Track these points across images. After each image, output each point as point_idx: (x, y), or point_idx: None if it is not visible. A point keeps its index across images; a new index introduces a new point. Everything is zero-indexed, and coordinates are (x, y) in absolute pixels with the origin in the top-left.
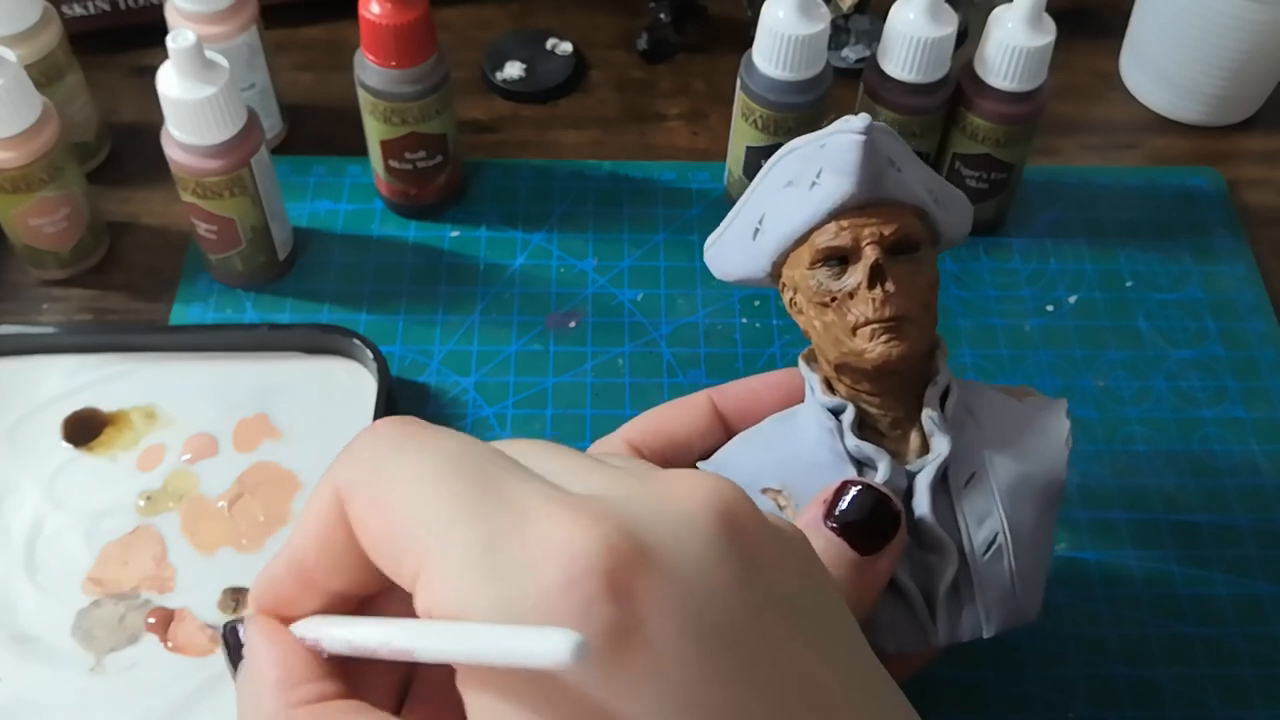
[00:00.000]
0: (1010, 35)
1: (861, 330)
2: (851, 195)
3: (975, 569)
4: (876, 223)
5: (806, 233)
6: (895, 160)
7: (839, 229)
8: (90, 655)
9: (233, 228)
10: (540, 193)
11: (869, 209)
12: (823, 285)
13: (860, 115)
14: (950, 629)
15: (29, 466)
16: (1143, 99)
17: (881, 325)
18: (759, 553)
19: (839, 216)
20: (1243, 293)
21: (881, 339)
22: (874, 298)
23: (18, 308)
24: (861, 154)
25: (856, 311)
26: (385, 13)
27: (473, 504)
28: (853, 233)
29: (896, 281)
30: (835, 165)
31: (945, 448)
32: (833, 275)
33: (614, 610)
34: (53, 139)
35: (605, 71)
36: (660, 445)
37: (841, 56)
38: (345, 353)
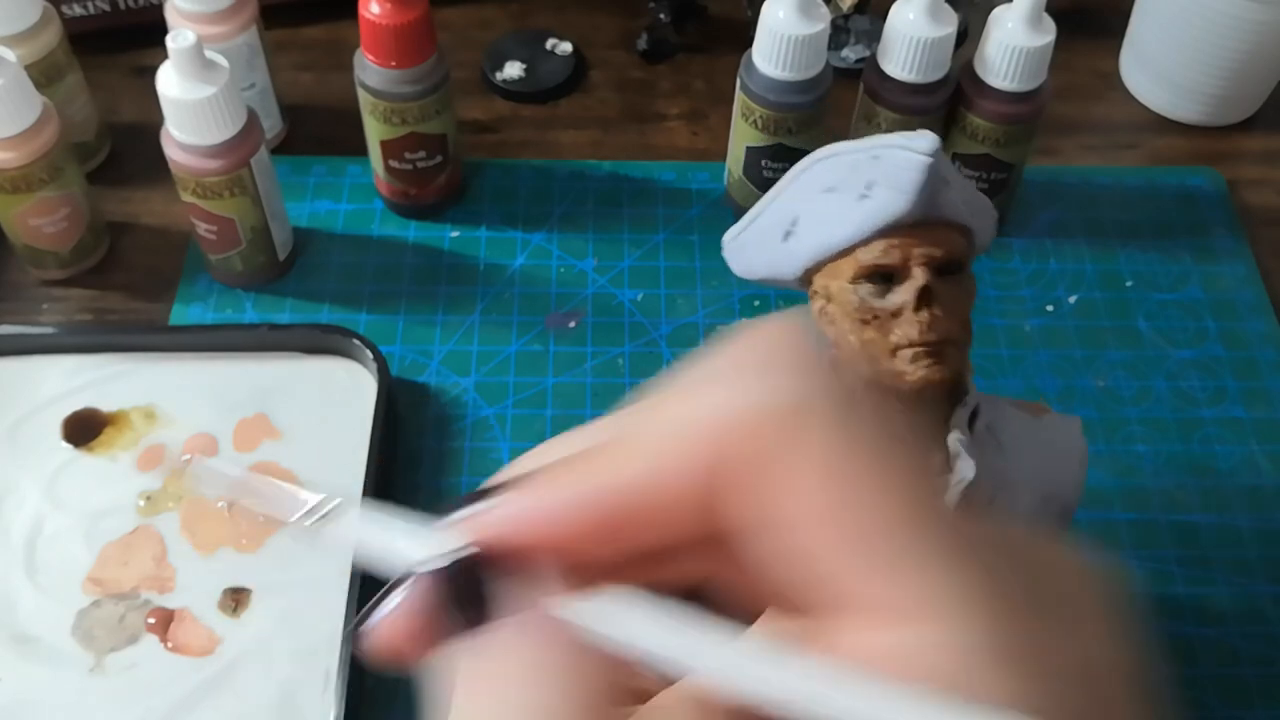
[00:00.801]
0: (1010, 35)
1: (903, 352)
2: (907, 215)
3: None
4: (928, 244)
5: (851, 246)
6: (949, 178)
7: (889, 246)
8: (90, 655)
9: (233, 228)
10: (540, 193)
11: (920, 228)
12: (865, 302)
13: (923, 132)
14: None
15: (29, 466)
16: (1143, 99)
17: (926, 349)
18: None
19: (889, 234)
20: (1243, 293)
21: (924, 363)
22: (921, 321)
23: (18, 308)
24: (926, 175)
25: (900, 333)
26: (385, 13)
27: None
28: (903, 251)
29: (943, 304)
30: (893, 181)
31: (971, 472)
32: (876, 293)
33: None
34: (53, 139)
35: (605, 71)
36: None
37: (841, 56)
38: (345, 353)
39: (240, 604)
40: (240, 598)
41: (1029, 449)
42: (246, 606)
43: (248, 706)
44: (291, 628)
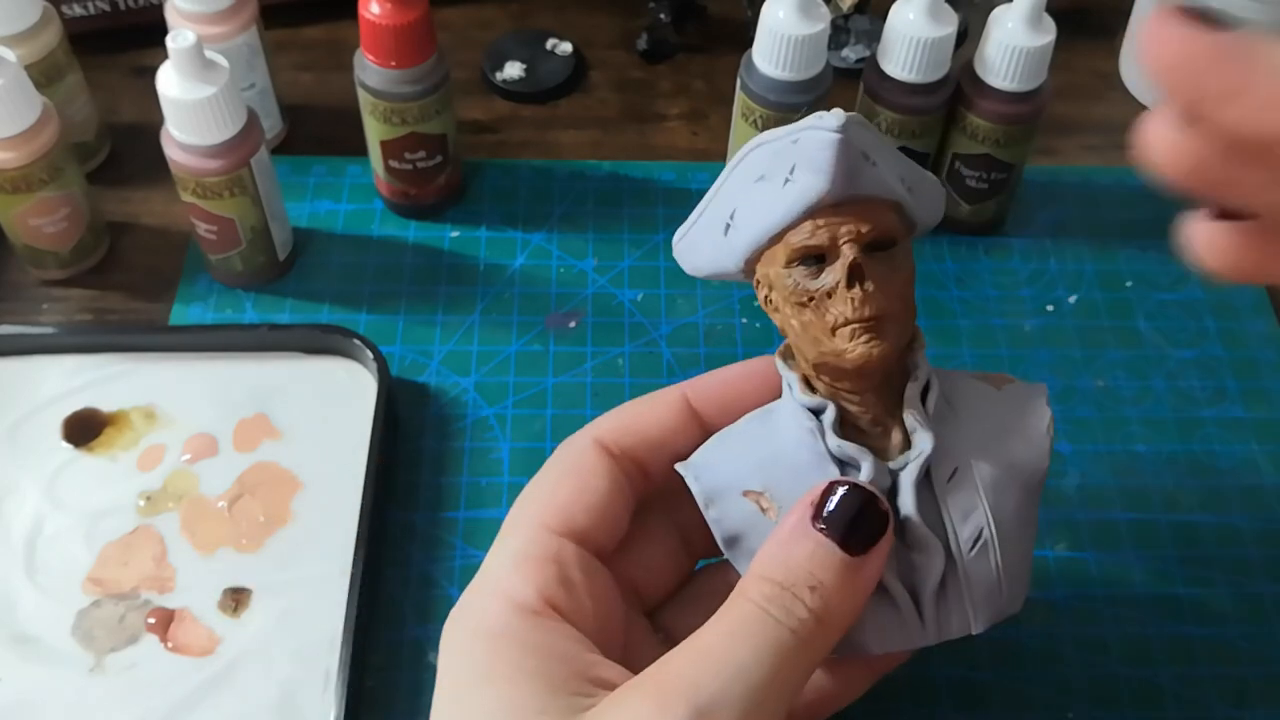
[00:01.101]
0: (1010, 35)
1: (841, 330)
2: (827, 194)
3: (962, 566)
4: (853, 220)
5: (781, 231)
6: (870, 154)
7: (815, 228)
8: (90, 655)
9: (233, 228)
10: (540, 193)
11: (845, 206)
12: (799, 285)
13: (835, 111)
14: (938, 627)
15: (29, 466)
16: (1143, 99)
17: (861, 325)
18: None
19: (814, 215)
20: (1243, 293)
21: (862, 339)
22: (853, 297)
23: (18, 308)
24: (836, 152)
25: (835, 311)
26: (385, 13)
27: None
28: (829, 231)
29: (875, 280)
30: (809, 163)
31: (929, 445)
32: (810, 274)
33: None
34: (53, 139)
35: (605, 71)
36: (632, 444)
37: (841, 56)
38: (345, 353)
39: (240, 604)
40: (240, 598)
41: (989, 419)
42: (246, 606)
43: (248, 706)
44: (291, 628)
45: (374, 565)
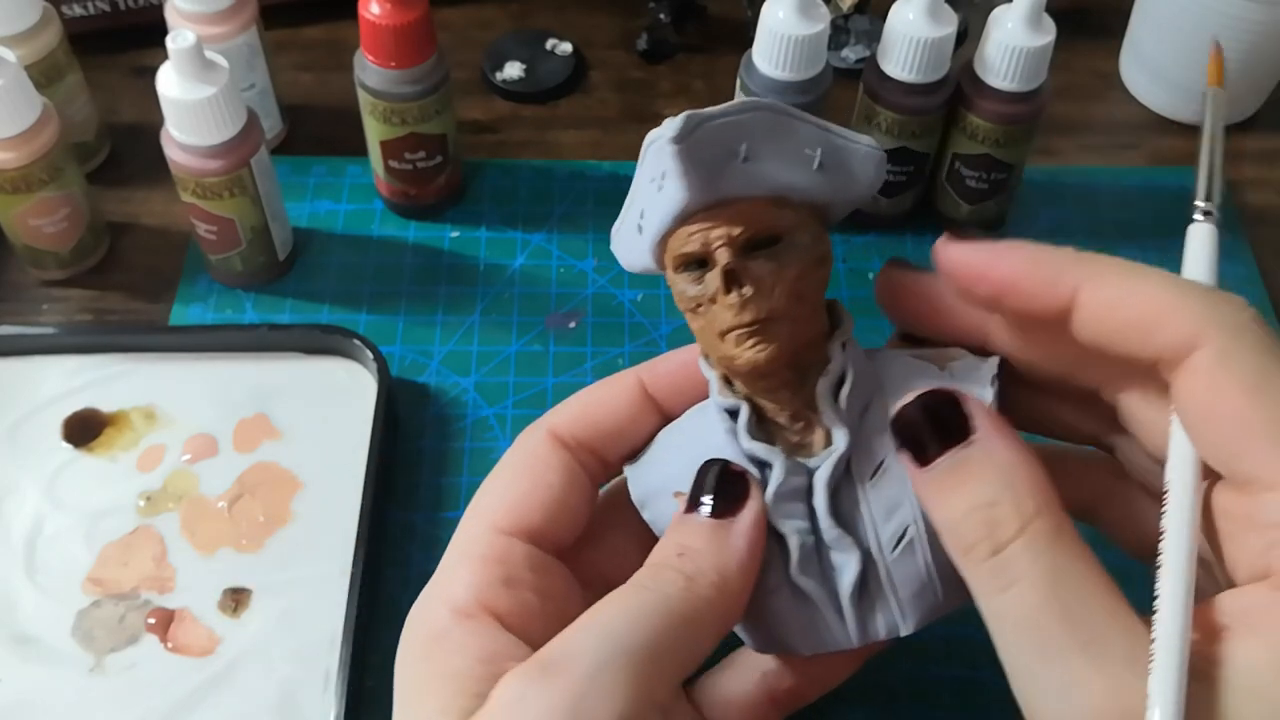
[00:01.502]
0: (1010, 35)
1: (727, 336)
2: (688, 202)
3: (884, 566)
4: (724, 224)
5: (664, 237)
6: (740, 149)
7: (688, 235)
8: (90, 655)
9: (233, 228)
10: (540, 193)
11: (716, 209)
12: (686, 292)
13: (680, 116)
14: (861, 629)
15: (29, 467)
16: (1143, 99)
17: (744, 330)
18: None
19: (686, 221)
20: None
21: (747, 344)
22: (731, 304)
23: (18, 308)
24: (680, 162)
25: (719, 319)
26: (385, 13)
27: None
28: (701, 237)
29: (755, 281)
30: (671, 169)
31: (844, 441)
32: (694, 280)
33: None
34: (53, 139)
35: (605, 72)
36: (587, 434)
37: (841, 57)
38: (345, 353)
39: (240, 604)
40: (240, 598)
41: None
42: (246, 606)
43: (248, 706)
44: (291, 628)
45: (374, 565)
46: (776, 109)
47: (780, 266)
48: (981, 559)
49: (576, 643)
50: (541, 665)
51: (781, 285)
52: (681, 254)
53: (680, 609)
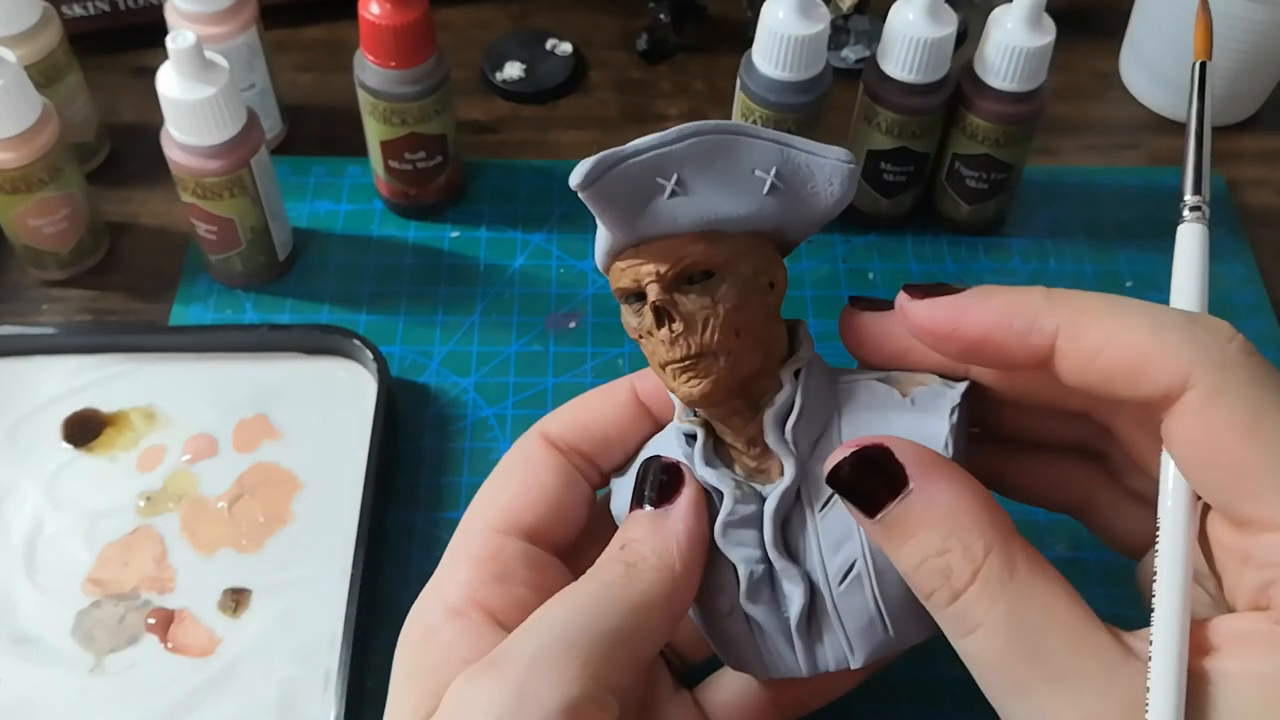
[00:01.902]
0: (1010, 35)
1: (665, 369)
2: (611, 241)
3: (830, 598)
4: (651, 261)
5: (606, 270)
6: (669, 181)
7: (620, 270)
8: (90, 656)
9: (232, 228)
10: (540, 193)
11: (645, 246)
12: (629, 322)
13: (589, 160)
14: (810, 659)
15: (29, 467)
16: (1143, 99)
17: (678, 365)
18: None
19: (619, 257)
20: (1243, 293)
21: (683, 379)
22: (663, 340)
23: (18, 308)
24: (593, 205)
25: (656, 354)
26: (385, 13)
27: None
28: (631, 274)
29: (686, 317)
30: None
31: (791, 473)
32: (635, 312)
33: None
34: (53, 139)
35: (605, 72)
36: (580, 439)
37: (841, 57)
38: (345, 353)
39: (240, 604)
40: (240, 598)
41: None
42: (246, 606)
43: (248, 706)
44: (291, 628)
45: (374, 565)
46: (724, 129)
47: (714, 301)
48: (942, 605)
49: (519, 637)
50: (489, 661)
51: (715, 320)
52: (618, 288)
53: (622, 594)
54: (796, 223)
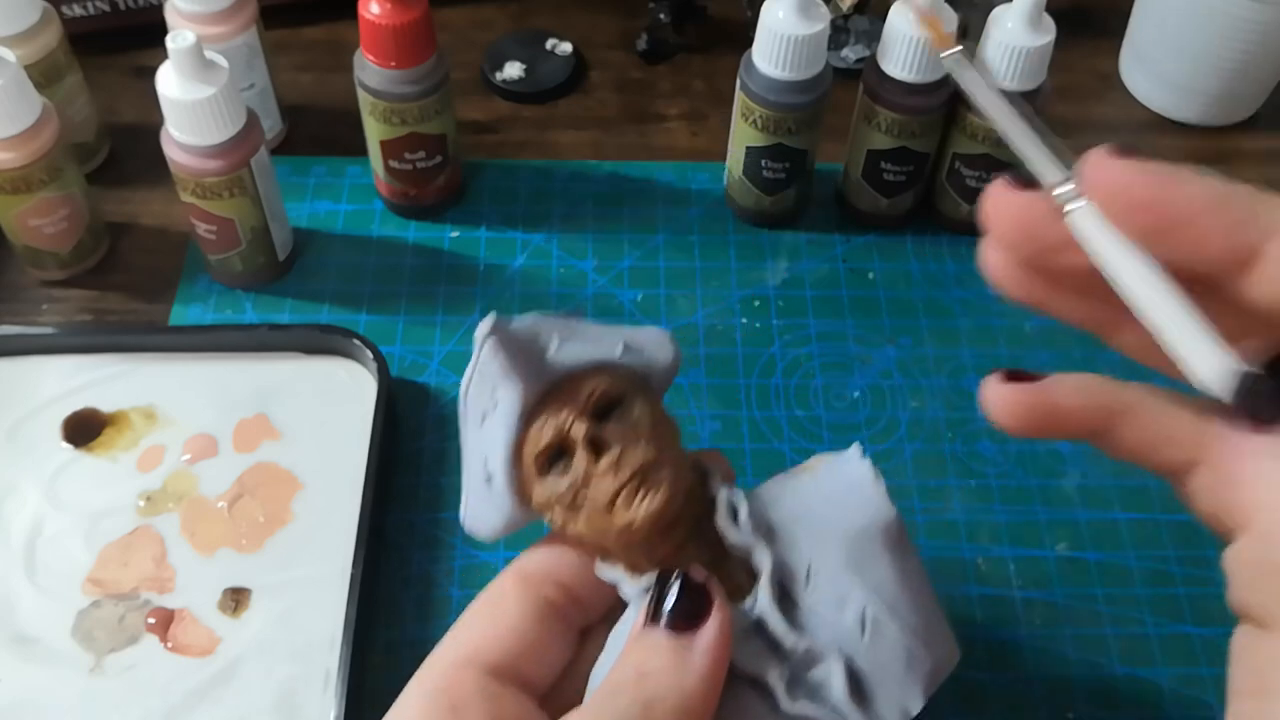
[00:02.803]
0: (1010, 35)
1: (615, 503)
2: (523, 392)
3: (862, 654)
4: (566, 402)
5: (517, 449)
6: (552, 340)
7: (538, 430)
8: (90, 656)
9: (232, 228)
10: (540, 193)
11: (549, 397)
12: (559, 493)
13: (484, 321)
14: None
15: (29, 467)
16: (1143, 99)
17: (629, 486)
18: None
19: (530, 419)
20: None
21: (638, 498)
22: (606, 469)
23: (18, 308)
24: (501, 357)
25: (602, 491)
26: (385, 13)
27: None
28: (552, 424)
29: (619, 439)
30: (499, 377)
31: (767, 560)
32: (561, 472)
33: None
34: (52, 139)
35: (605, 72)
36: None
37: (841, 56)
38: (345, 353)
39: (240, 604)
40: (240, 598)
41: (817, 507)
42: (246, 606)
43: (248, 706)
44: (291, 628)
45: (374, 565)
46: (569, 314)
47: (633, 422)
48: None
49: None
50: None
51: (643, 437)
52: (540, 450)
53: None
54: (654, 376)
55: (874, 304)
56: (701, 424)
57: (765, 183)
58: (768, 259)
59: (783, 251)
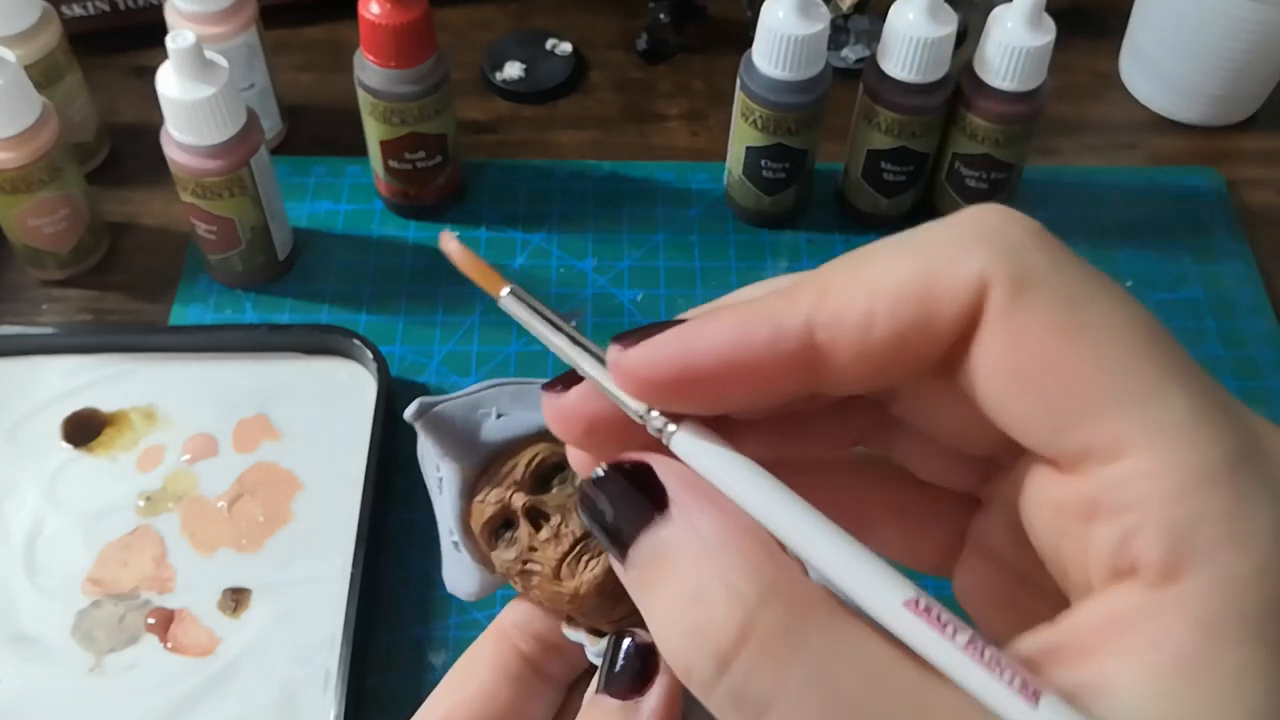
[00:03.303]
0: (1010, 35)
1: (562, 570)
2: (461, 474)
3: None
4: (505, 475)
5: (466, 524)
6: (491, 412)
7: (480, 505)
8: (90, 656)
9: (232, 228)
10: (540, 193)
11: (492, 468)
12: (508, 563)
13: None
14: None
15: (29, 467)
16: (1142, 99)
17: (572, 554)
18: None
19: (473, 493)
20: (1243, 293)
21: (583, 565)
22: (547, 538)
23: (18, 308)
24: (436, 431)
25: (546, 560)
26: (385, 13)
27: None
28: (495, 496)
29: (559, 508)
30: (436, 458)
31: None
32: (509, 543)
33: None
34: (52, 139)
35: (605, 72)
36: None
37: (841, 56)
38: (345, 353)
39: (240, 604)
40: (240, 598)
41: None
42: (246, 606)
43: (248, 706)
44: (291, 628)
45: (374, 565)
46: (515, 381)
47: (578, 486)
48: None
49: None
50: None
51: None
52: (484, 524)
53: None
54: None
55: None
56: None
57: (765, 183)
58: (768, 259)
59: (783, 251)
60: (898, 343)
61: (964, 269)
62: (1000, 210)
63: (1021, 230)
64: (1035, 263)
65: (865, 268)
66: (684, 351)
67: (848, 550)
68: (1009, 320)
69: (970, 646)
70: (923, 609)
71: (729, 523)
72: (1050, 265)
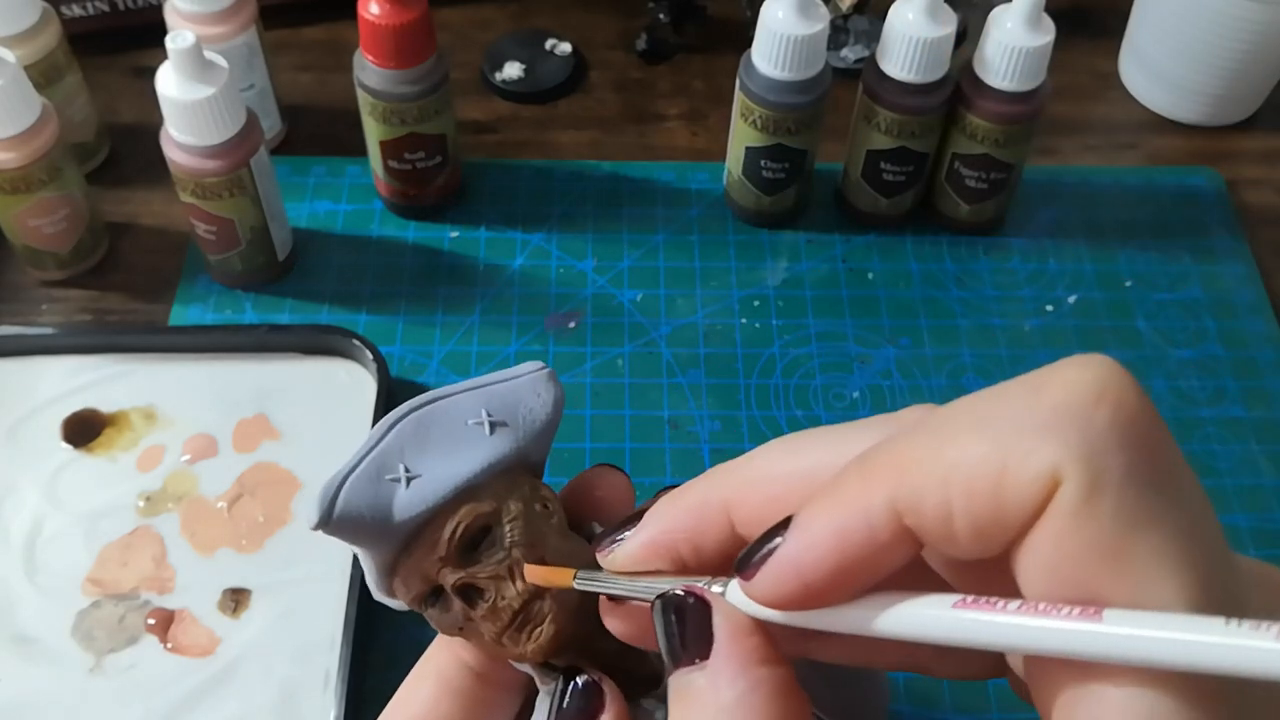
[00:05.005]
0: (1009, 35)
1: (503, 640)
2: (379, 558)
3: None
4: (427, 550)
5: (392, 595)
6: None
7: (406, 580)
8: (90, 656)
9: (232, 228)
10: (540, 193)
11: (411, 545)
12: (443, 623)
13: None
14: None
15: (29, 467)
16: (1142, 99)
17: (511, 627)
18: None
19: (397, 572)
20: (1242, 293)
21: (524, 636)
22: (483, 615)
23: (18, 308)
24: (347, 533)
25: (486, 630)
26: (385, 13)
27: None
28: (418, 573)
29: (490, 580)
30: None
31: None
32: (443, 610)
33: None
34: (52, 139)
35: (604, 72)
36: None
37: (841, 56)
38: (345, 353)
39: (240, 604)
40: (240, 598)
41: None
42: (246, 606)
43: (248, 706)
44: (291, 628)
45: None
46: (418, 405)
47: (507, 549)
48: None
49: None
50: None
51: (517, 567)
52: (414, 597)
53: None
54: (531, 443)
55: (873, 304)
56: (701, 424)
57: (765, 183)
58: (767, 259)
59: (782, 251)
60: (975, 531)
61: (1035, 465)
62: (1094, 384)
63: (1108, 419)
64: (1110, 468)
65: (942, 448)
66: (801, 573)
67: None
68: (1065, 525)
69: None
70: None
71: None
72: (1125, 473)
